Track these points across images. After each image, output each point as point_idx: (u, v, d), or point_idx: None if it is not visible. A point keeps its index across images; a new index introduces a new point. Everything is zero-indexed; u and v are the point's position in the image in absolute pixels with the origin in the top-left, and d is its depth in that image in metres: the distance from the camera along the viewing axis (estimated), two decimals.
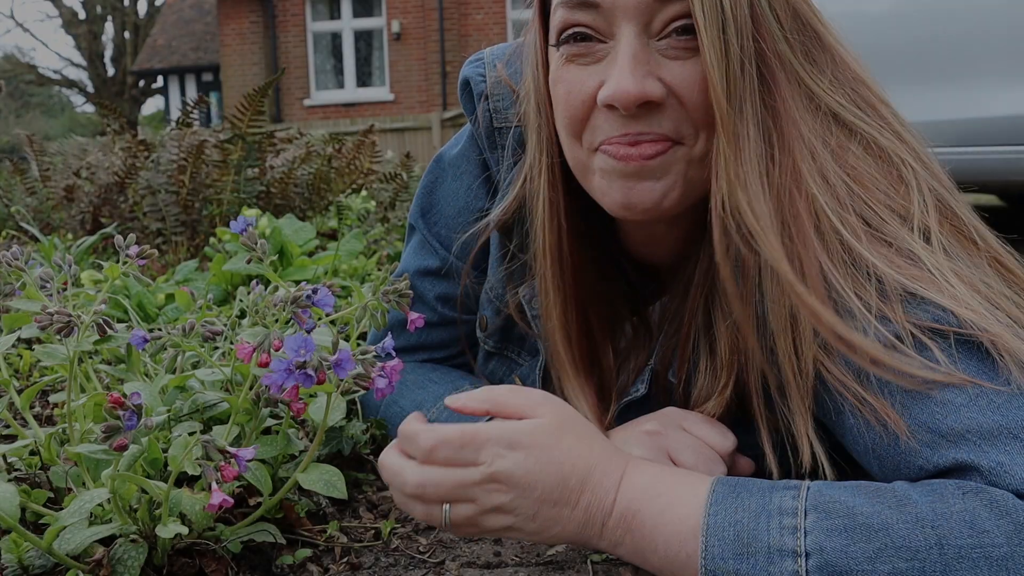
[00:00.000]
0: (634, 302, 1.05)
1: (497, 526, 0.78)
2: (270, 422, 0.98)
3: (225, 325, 1.11)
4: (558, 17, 0.87)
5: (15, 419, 1.03)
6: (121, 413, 0.76)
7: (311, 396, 1.03)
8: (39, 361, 1.07)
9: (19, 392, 1.02)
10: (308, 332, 0.93)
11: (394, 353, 0.89)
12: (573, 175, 0.94)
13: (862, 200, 0.82)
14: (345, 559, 0.95)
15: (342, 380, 0.84)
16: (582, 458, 0.77)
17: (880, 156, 0.85)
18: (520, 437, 0.76)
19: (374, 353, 0.86)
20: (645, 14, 0.82)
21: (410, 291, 1.00)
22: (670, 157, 0.86)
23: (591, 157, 0.89)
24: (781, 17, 0.84)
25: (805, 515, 0.70)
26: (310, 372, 0.79)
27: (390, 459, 0.82)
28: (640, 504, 0.76)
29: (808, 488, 0.72)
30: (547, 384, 1.06)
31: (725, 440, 0.91)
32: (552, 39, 0.89)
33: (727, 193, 0.82)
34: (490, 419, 0.94)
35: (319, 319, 1.03)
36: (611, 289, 1.02)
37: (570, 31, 0.86)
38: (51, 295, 1.02)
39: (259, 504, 0.95)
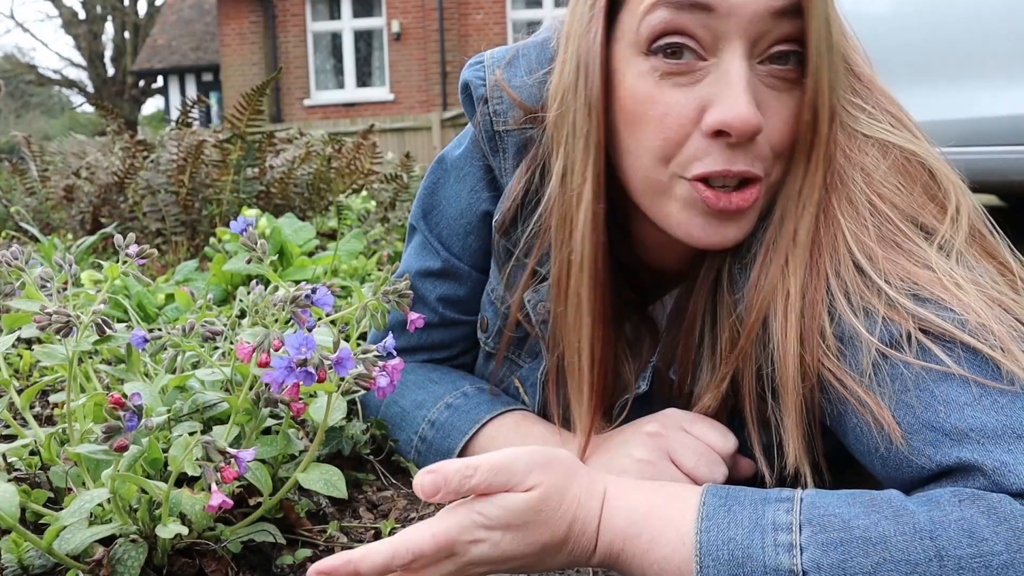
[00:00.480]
0: (637, 301, 1.05)
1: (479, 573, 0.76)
2: (270, 422, 0.98)
3: (225, 325, 1.11)
4: (656, 18, 0.81)
5: (15, 419, 1.03)
6: (122, 413, 0.76)
7: (311, 396, 1.03)
8: (39, 361, 1.07)
9: (19, 392, 1.02)
10: (309, 331, 0.93)
11: (395, 352, 0.89)
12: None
13: (886, 218, 0.83)
14: None
15: (343, 379, 0.84)
16: (561, 521, 0.74)
17: (918, 172, 0.85)
18: (495, 523, 0.72)
19: (375, 352, 0.86)
20: (757, 27, 0.79)
21: (410, 291, 1.00)
22: (756, 202, 0.86)
23: (674, 182, 0.86)
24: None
25: (800, 530, 0.68)
26: (311, 370, 0.79)
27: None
28: (623, 544, 0.74)
29: (801, 500, 0.71)
30: (546, 391, 1.06)
31: (726, 441, 0.91)
32: (642, 45, 0.83)
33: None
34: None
35: (319, 319, 1.03)
36: (619, 290, 1.02)
37: (669, 40, 0.81)
38: (51, 295, 1.02)
39: (259, 504, 0.95)
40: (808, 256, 0.84)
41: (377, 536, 1.00)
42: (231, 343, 1.14)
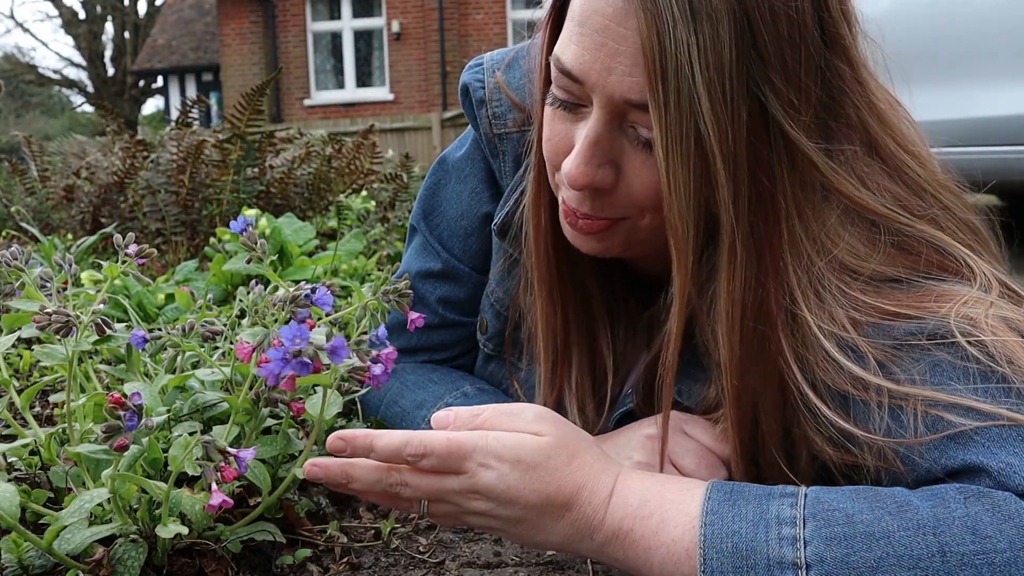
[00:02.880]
0: (635, 307, 1.04)
1: (478, 524, 0.78)
2: (270, 422, 0.98)
3: (225, 325, 1.11)
4: (553, 68, 0.85)
5: (15, 419, 1.03)
6: (122, 413, 0.76)
7: (310, 394, 1.03)
8: (39, 361, 1.07)
9: (19, 392, 1.02)
10: (301, 322, 0.92)
11: (388, 342, 0.89)
12: None
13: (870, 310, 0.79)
14: (345, 559, 0.95)
15: (339, 377, 0.84)
16: (569, 478, 0.75)
17: (918, 246, 0.82)
18: (506, 452, 0.74)
19: (368, 341, 0.86)
20: (617, 107, 0.80)
21: (410, 291, 1.00)
22: (612, 230, 0.88)
23: (557, 190, 0.91)
24: (803, 91, 0.76)
25: (804, 524, 0.68)
26: (306, 360, 0.79)
27: (364, 470, 0.77)
28: (632, 523, 0.74)
29: (806, 495, 0.71)
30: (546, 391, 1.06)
31: (725, 445, 0.90)
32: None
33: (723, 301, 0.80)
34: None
35: (319, 319, 1.03)
36: (612, 294, 1.01)
37: (557, 87, 0.85)
38: (51, 295, 1.02)
39: (259, 504, 0.95)
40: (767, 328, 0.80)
41: (377, 536, 1.01)
42: (231, 343, 1.14)
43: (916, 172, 0.86)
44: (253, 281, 1.11)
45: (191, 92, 18.95)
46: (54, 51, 54.45)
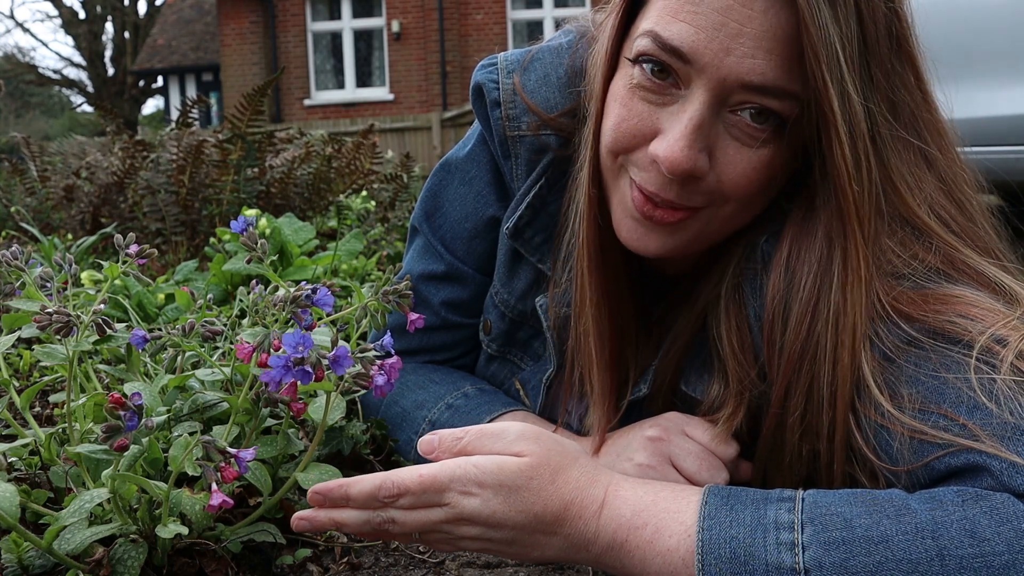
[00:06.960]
0: (646, 301, 1.04)
1: (474, 548, 0.77)
2: (270, 422, 0.98)
3: (225, 325, 1.11)
4: (644, 43, 0.82)
5: (15, 419, 1.03)
6: (122, 413, 0.76)
7: (312, 396, 1.03)
8: (39, 361, 1.07)
9: (19, 392, 1.02)
10: (307, 330, 0.92)
11: (393, 351, 0.88)
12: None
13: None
14: (345, 559, 0.95)
15: (342, 379, 0.84)
16: (555, 495, 0.74)
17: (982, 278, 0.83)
18: (487, 477, 0.74)
19: (373, 350, 0.86)
20: (727, 90, 0.79)
21: (410, 292, 1.00)
22: (689, 221, 0.86)
23: (622, 173, 0.88)
24: (878, 91, 0.80)
25: (802, 529, 0.68)
26: (308, 368, 0.79)
27: (351, 514, 0.77)
28: (626, 534, 0.74)
29: (803, 499, 0.71)
30: (549, 394, 1.06)
31: (728, 446, 0.90)
32: (631, 52, 0.85)
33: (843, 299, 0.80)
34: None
35: (319, 319, 1.03)
36: (630, 289, 1.01)
37: (651, 59, 0.82)
38: (51, 295, 1.02)
39: (259, 504, 0.95)
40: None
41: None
42: (231, 343, 1.14)
43: (967, 193, 0.87)
44: (253, 281, 1.11)
45: (191, 92, 18.95)
46: (54, 51, 54.51)
